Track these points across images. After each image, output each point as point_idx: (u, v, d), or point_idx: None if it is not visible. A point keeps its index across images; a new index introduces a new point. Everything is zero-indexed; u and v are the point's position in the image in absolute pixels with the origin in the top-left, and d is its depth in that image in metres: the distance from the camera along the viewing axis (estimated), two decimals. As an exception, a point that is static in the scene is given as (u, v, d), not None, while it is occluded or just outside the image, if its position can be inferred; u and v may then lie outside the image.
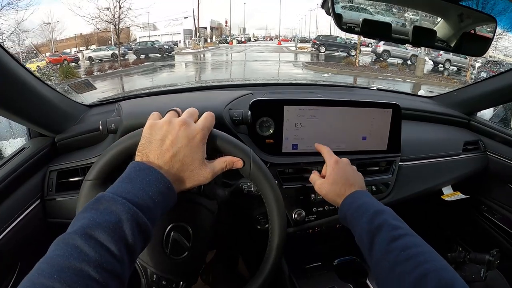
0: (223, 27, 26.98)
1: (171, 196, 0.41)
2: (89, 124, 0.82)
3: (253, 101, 0.75)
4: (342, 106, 0.78)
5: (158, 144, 0.42)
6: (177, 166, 0.42)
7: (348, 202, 0.56)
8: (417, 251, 0.43)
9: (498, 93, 1.06)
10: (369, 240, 0.48)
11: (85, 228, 0.32)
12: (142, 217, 0.36)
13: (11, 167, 0.68)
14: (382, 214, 0.50)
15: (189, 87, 1.04)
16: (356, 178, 0.61)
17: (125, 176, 0.40)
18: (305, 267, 0.86)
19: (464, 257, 1.09)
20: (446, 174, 1.00)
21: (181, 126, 0.43)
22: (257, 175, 0.52)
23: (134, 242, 0.35)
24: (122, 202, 0.36)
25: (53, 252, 0.31)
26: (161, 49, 15.81)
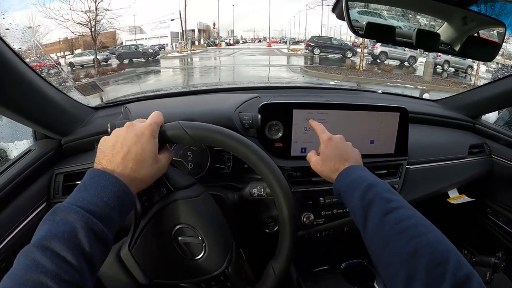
0: (211, 30, 26.56)
1: (128, 198, 0.41)
2: (95, 127, 0.82)
3: (262, 104, 0.74)
4: (350, 110, 0.78)
5: (110, 150, 0.43)
6: (131, 165, 0.42)
7: (341, 177, 0.55)
8: (410, 223, 0.42)
9: (503, 97, 1.06)
10: (362, 215, 0.47)
11: (41, 240, 0.33)
12: (97, 223, 0.36)
13: (17, 170, 0.67)
14: (375, 187, 0.49)
15: (195, 90, 1.04)
16: (350, 154, 0.60)
17: (81, 185, 0.40)
18: (312, 271, 0.86)
19: (470, 260, 1.09)
20: (452, 177, 1.00)
21: (128, 127, 0.45)
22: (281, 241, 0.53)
23: (91, 250, 0.35)
24: (76, 211, 0.36)
25: (15, 266, 0.32)
26: (145, 53, 14.76)
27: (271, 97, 0.86)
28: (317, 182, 0.76)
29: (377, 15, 0.72)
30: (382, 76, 10.54)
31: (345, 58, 14.93)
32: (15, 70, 0.59)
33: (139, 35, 21.41)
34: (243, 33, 32.19)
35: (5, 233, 0.60)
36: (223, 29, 28.46)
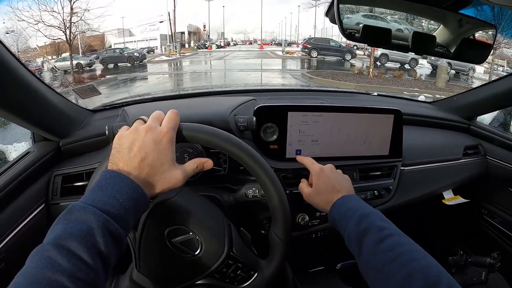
0: (201, 32, 25.72)
1: (143, 201, 0.42)
2: (93, 129, 0.83)
3: (257, 107, 0.76)
4: (345, 112, 0.79)
5: (126, 152, 0.43)
6: (147, 170, 0.43)
7: (335, 208, 0.57)
8: (402, 250, 0.44)
9: (497, 98, 1.07)
10: (357, 243, 0.49)
11: (57, 239, 0.33)
12: (114, 224, 0.37)
13: (16, 171, 0.68)
14: (368, 217, 0.51)
15: (192, 93, 1.05)
16: (342, 183, 0.62)
17: (96, 185, 0.40)
18: (308, 271, 0.87)
19: (466, 260, 1.10)
20: (447, 179, 1.01)
21: (147, 131, 0.44)
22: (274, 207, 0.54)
23: (107, 250, 0.35)
24: (93, 211, 0.36)
25: (29, 264, 0.32)
26: (130, 57, 13.61)
27: (267, 99, 0.87)
28: None
29: (380, 19, 0.73)
30: (396, 83, 9.59)
31: (344, 60, 14.23)
32: (14, 73, 0.60)
33: (128, 38, 20.34)
34: (233, 35, 31.62)
35: (4, 234, 0.61)
36: (213, 31, 27.85)
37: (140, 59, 14.06)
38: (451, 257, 1.11)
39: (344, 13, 0.66)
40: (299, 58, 15.92)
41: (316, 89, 1.32)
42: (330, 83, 9.46)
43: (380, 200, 0.85)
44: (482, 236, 1.20)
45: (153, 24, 21.03)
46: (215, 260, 0.53)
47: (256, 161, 0.52)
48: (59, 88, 8.42)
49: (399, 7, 0.75)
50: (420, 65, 13.03)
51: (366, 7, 0.72)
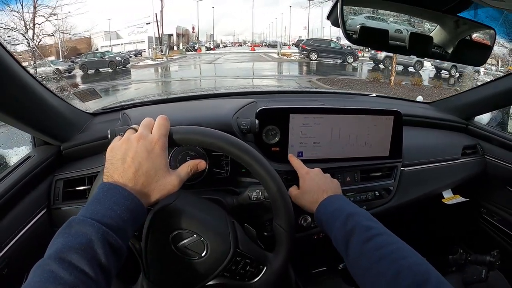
0: (190, 34, 25.30)
1: (140, 211, 0.42)
2: (94, 133, 0.83)
3: (259, 109, 0.76)
4: (346, 114, 0.79)
5: (120, 163, 0.43)
6: (142, 180, 0.43)
7: (322, 208, 0.58)
8: (390, 249, 0.45)
9: (495, 98, 1.08)
10: (344, 243, 0.49)
11: (58, 252, 0.34)
12: (113, 236, 0.37)
13: (17, 176, 0.68)
14: (355, 216, 0.51)
15: (192, 95, 1.05)
16: (328, 184, 0.62)
17: (94, 197, 0.41)
18: (311, 272, 0.87)
19: (465, 259, 1.11)
20: (446, 178, 1.02)
21: (139, 140, 0.44)
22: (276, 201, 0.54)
23: (108, 261, 0.36)
24: (92, 223, 0.37)
25: (31, 279, 0.32)
26: (112, 61, 12.50)
27: (267, 102, 0.87)
28: None
29: (380, 20, 0.73)
30: (421, 93, 7.63)
31: (346, 63, 13.24)
32: (15, 76, 0.60)
33: (115, 40, 19.89)
34: (222, 37, 31.18)
35: (6, 240, 0.60)
36: (202, 33, 27.29)
37: (123, 64, 12.91)
38: (451, 256, 1.12)
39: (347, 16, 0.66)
40: (297, 61, 14.84)
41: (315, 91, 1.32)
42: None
43: (381, 200, 0.86)
44: (482, 235, 1.21)
45: (141, 26, 20.56)
46: (222, 259, 0.53)
47: (250, 155, 0.52)
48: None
49: (399, 9, 0.76)
50: (425, 68, 12.14)
51: (368, 9, 0.73)
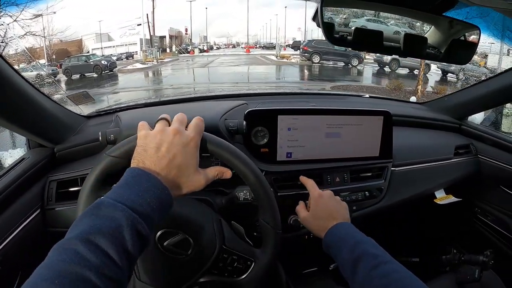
0: (183, 36, 24.08)
1: (168, 202, 0.42)
2: (87, 135, 0.84)
3: (247, 111, 0.77)
4: (335, 115, 0.80)
5: (154, 152, 0.43)
6: (174, 172, 0.43)
7: (329, 235, 0.59)
8: (396, 277, 0.47)
9: (487, 98, 1.08)
10: (351, 270, 0.51)
11: (85, 234, 0.33)
12: (142, 223, 0.37)
13: (12, 178, 0.69)
14: (362, 244, 0.54)
15: (184, 98, 1.06)
16: (339, 211, 0.64)
17: (123, 182, 0.40)
18: (301, 272, 0.88)
19: (459, 259, 1.11)
20: (438, 178, 1.03)
21: (175, 134, 0.45)
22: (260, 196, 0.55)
23: (133, 248, 0.35)
24: (122, 208, 0.36)
25: (54, 257, 0.31)
26: (97, 66, 11.45)
27: (258, 104, 0.88)
28: (303, 186, 0.78)
29: (380, 23, 0.74)
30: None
31: (351, 67, 12.24)
32: (8, 79, 0.61)
33: (106, 42, 18.58)
34: (215, 39, 29.87)
35: (0, 238, 0.62)
36: (195, 35, 26.09)
37: (109, 68, 11.77)
38: (445, 256, 1.11)
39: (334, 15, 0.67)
40: (298, 64, 13.75)
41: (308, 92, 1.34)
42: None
43: (371, 200, 0.87)
44: (475, 235, 1.21)
45: (133, 28, 18.81)
46: (209, 256, 0.54)
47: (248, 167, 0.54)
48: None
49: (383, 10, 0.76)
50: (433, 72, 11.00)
51: (370, 12, 0.73)
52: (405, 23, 0.82)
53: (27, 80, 0.68)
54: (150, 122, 0.51)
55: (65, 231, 0.74)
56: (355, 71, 12.22)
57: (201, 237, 0.54)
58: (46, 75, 9.00)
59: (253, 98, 1.06)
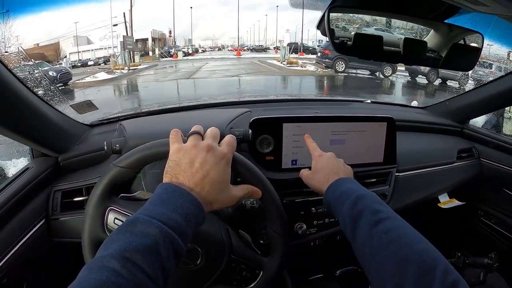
0: (167, 38, 22.67)
1: (202, 218, 0.42)
2: (92, 144, 0.84)
3: (253, 119, 0.77)
4: (339, 122, 0.80)
5: (188, 167, 0.43)
6: (207, 188, 0.43)
7: (331, 189, 0.56)
8: (398, 234, 0.43)
9: (489, 101, 1.09)
10: (351, 226, 0.48)
11: (121, 251, 0.32)
12: (178, 240, 0.36)
13: (16, 188, 0.69)
14: (363, 199, 0.50)
15: (188, 106, 1.06)
16: (341, 167, 0.62)
17: (157, 197, 0.40)
18: (308, 279, 0.88)
19: (463, 262, 1.11)
20: (442, 182, 1.03)
21: (208, 150, 0.44)
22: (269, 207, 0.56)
23: (169, 265, 0.35)
24: (158, 225, 0.36)
25: (88, 275, 0.30)
26: (44, 79, 4.53)
27: (261, 111, 0.89)
28: (309, 193, 0.78)
29: (387, 31, 0.74)
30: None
31: (383, 78, 9.68)
32: (11, 89, 0.61)
33: (85, 46, 16.76)
34: (201, 41, 28.74)
35: (5, 250, 0.61)
36: (180, 38, 24.62)
37: (62, 81, 8.97)
38: (449, 259, 1.11)
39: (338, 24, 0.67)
40: (312, 74, 10.39)
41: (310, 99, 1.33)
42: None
43: None
44: (479, 237, 1.21)
45: (115, 31, 17.23)
46: (217, 266, 0.54)
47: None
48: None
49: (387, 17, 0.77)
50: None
51: (381, 20, 0.74)
52: (413, 32, 0.83)
53: (30, 89, 0.67)
54: (155, 132, 0.51)
55: (70, 241, 0.74)
56: (387, 83, 9.73)
57: (209, 246, 0.54)
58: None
59: (256, 105, 1.06)
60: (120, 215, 0.55)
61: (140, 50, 16.92)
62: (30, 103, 0.67)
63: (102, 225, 0.55)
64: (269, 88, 8.65)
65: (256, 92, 7.45)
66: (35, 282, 0.72)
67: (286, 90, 8.78)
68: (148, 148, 0.54)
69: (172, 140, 0.47)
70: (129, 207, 0.55)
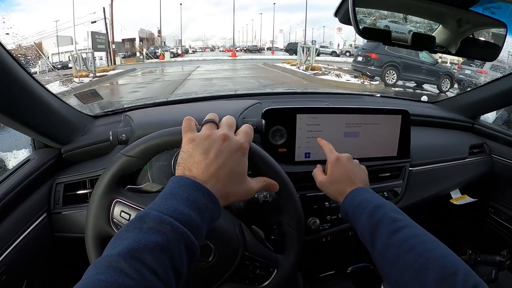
0: (155, 38, 21.32)
1: (217, 212, 0.39)
2: (95, 135, 0.81)
3: (266, 109, 0.74)
4: (353, 114, 0.78)
5: (202, 158, 0.40)
6: (223, 180, 0.40)
7: (348, 200, 0.56)
8: (417, 241, 0.43)
9: (500, 97, 1.07)
10: (370, 236, 0.48)
11: (129, 250, 0.30)
12: (191, 237, 0.34)
13: (17, 180, 0.66)
14: (381, 208, 0.50)
15: (196, 97, 1.03)
16: (357, 174, 0.60)
17: (168, 191, 0.37)
18: (319, 276, 0.85)
19: (475, 260, 1.09)
20: (454, 178, 1.01)
21: (224, 140, 0.41)
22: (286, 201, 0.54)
23: (182, 264, 0.33)
24: (169, 221, 0.33)
25: (95, 276, 0.28)
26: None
27: (272, 103, 0.86)
28: None
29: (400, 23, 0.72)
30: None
31: (440, 92, 7.55)
32: (15, 77, 0.58)
33: (69, 46, 15.10)
34: (191, 42, 28.57)
35: (5, 245, 0.58)
36: (170, 39, 23.82)
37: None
38: (460, 257, 1.10)
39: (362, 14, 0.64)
40: (365, 89, 7.47)
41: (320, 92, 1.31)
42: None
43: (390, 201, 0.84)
44: (490, 235, 1.19)
45: (100, 30, 15.57)
46: (230, 263, 0.51)
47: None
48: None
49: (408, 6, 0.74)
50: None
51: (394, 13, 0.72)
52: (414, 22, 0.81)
53: (34, 78, 0.65)
54: (163, 121, 0.48)
55: (73, 236, 0.71)
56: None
57: (222, 243, 0.51)
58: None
59: (266, 97, 1.04)
60: (127, 207, 0.52)
61: (126, 51, 15.55)
62: (33, 92, 0.64)
63: (107, 218, 0.52)
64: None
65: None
66: (36, 278, 0.69)
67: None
68: (160, 137, 0.51)
69: (184, 129, 0.44)
70: (137, 200, 0.52)
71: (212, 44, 29.24)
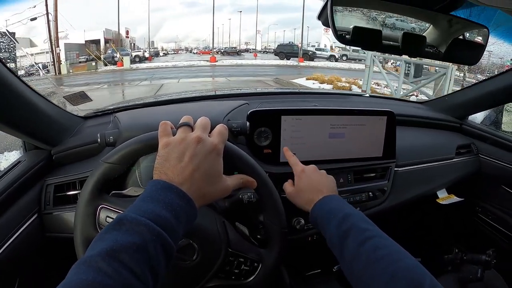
0: (123, 39, 19.39)
1: (193, 214, 0.40)
2: (85, 137, 0.82)
3: (250, 112, 0.75)
4: (338, 115, 0.79)
5: (176, 161, 0.41)
6: (198, 182, 0.41)
7: (317, 207, 0.57)
8: (386, 252, 0.45)
9: (488, 97, 1.08)
10: (339, 245, 0.49)
11: (108, 250, 0.31)
12: (167, 238, 0.35)
13: (7, 182, 0.67)
14: (350, 218, 0.51)
15: (184, 98, 1.04)
16: (324, 183, 0.61)
17: (146, 195, 0.39)
18: (305, 275, 0.87)
19: (461, 258, 1.11)
20: (441, 178, 1.02)
21: (198, 142, 0.43)
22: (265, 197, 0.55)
23: (158, 264, 0.34)
24: (146, 223, 0.34)
25: (76, 275, 0.30)
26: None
27: (259, 103, 0.87)
28: None
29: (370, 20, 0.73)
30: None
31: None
32: (3, 80, 0.59)
33: (28, 49, 13.36)
34: (164, 44, 27.31)
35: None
36: (141, 40, 22.01)
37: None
38: (447, 255, 1.11)
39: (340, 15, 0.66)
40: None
41: (309, 92, 1.32)
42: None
43: (375, 201, 0.86)
44: (477, 234, 1.21)
45: (62, 31, 14.37)
46: (214, 261, 0.53)
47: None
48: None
49: (391, 9, 0.75)
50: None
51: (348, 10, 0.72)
52: (403, 20, 0.81)
53: (22, 80, 0.66)
54: (150, 123, 0.49)
55: (63, 236, 0.73)
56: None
57: (205, 241, 0.53)
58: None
59: (254, 97, 1.05)
60: (112, 213, 0.53)
61: (89, 55, 12.87)
62: (21, 94, 0.65)
63: (94, 224, 0.53)
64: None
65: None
66: (28, 278, 0.71)
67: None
68: (137, 143, 0.52)
69: (160, 133, 0.45)
70: (121, 205, 0.54)
71: (185, 45, 28.10)
